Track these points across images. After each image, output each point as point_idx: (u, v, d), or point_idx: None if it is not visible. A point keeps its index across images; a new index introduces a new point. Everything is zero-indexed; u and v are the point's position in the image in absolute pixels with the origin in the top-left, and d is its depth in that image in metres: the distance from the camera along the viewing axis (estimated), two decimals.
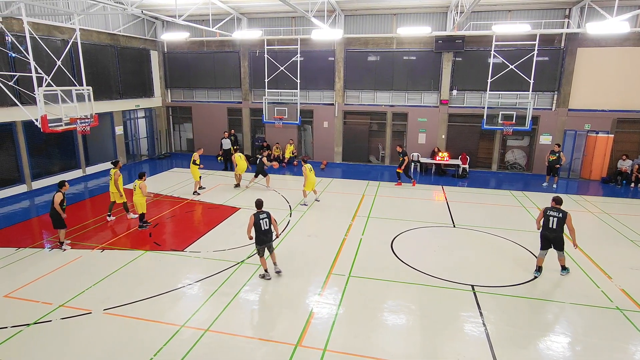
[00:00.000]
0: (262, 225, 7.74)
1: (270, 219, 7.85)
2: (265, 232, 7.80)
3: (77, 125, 12.24)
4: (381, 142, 19.88)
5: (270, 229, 7.86)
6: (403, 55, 18.46)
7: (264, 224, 7.76)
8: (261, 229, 7.75)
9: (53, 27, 14.95)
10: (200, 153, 14.53)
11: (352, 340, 6.31)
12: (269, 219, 7.83)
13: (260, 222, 7.74)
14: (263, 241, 7.85)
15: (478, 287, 7.93)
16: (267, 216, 7.82)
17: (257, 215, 7.77)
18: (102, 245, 9.72)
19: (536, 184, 16.25)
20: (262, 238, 7.82)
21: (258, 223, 7.73)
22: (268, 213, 7.86)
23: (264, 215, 7.80)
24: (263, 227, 7.75)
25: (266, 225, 7.77)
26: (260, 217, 7.76)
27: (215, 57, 20.66)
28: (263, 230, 7.77)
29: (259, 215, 7.77)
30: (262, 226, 7.75)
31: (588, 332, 6.62)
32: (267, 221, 7.79)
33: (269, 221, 7.82)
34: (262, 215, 7.80)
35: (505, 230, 11.01)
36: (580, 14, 16.05)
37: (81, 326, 6.60)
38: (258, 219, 7.74)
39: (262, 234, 7.79)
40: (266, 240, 7.87)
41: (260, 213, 7.82)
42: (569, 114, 17.27)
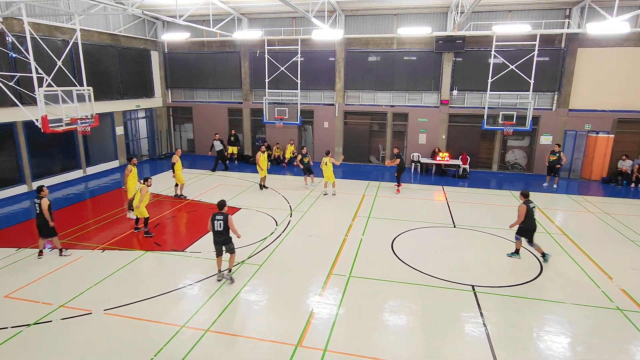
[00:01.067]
0: (215, 225, 7.82)
1: (227, 221, 7.79)
2: (217, 233, 7.84)
3: (77, 125, 12.25)
4: (382, 143, 19.87)
5: (224, 230, 7.80)
6: (403, 56, 18.46)
7: (217, 224, 7.80)
8: (214, 229, 7.84)
9: (54, 27, 14.97)
10: (179, 154, 13.90)
11: (352, 340, 6.31)
12: (225, 221, 7.79)
13: (214, 223, 7.81)
14: (216, 241, 7.94)
15: (479, 287, 7.92)
16: (223, 218, 7.79)
17: (213, 216, 7.86)
18: (102, 246, 9.73)
19: (537, 184, 16.24)
20: (215, 238, 7.92)
21: (212, 223, 7.83)
22: (225, 215, 7.83)
23: (220, 217, 7.81)
24: (216, 228, 7.82)
25: (219, 227, 7.78)
26: (215, 218, 7.82)
27: (216, 57, 20.67)
28: (215, 231, 7.84)
29: (215, 216, 7.84)
30: (215, 226, 7.82)
31: (589, 332, 6.61)
32: (222, 223, 7.76)
33: (224, 223, 7.78)
34: (218, 217, 7.82)
35: (506, 231, 10.98)
36: (580, 14, 16.05)
37: (82, 326, 6.60)
38: (213, 219, 7.84)
39: (215, 234, 7.89)
40: (218, 241, 7.91)
41: (217, 214, 7.86)
42: (570, 114, 17.26)
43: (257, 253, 9.39)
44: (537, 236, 9.09)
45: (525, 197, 9.07)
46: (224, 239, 7.89)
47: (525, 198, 9.05)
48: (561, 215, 12.84)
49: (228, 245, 8.00)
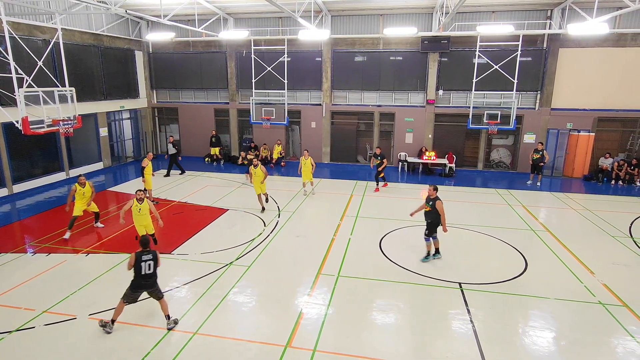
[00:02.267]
0: (143, 268, 6.34)
1: (157, 261, 6.49)
2: (146, 277, 6.39)
3: (59, 127, 11.99)
4: (369, 142, 19.97)
5: (154, 272, 6.47)
6: (390, 56, 18.59)
7: (146, 267, 6.35)
8: (141, 272, 6.35)
9: (34, 26, 14.61)
10: (150, 158, 13.08)
11: (342, 340, 6.33)
12: (155, 261, 6.46)
13: (142, 265, 6.34)
14: (141, 286, 6.43)
15: (465, 284, 8.03)
16: (152, 258, 6.42)
17: (139, 256, 6.35)
18: (86, 249, 9.54)
19: (521, 182, 16.54)
20: (141, 282, 6.40)
21: (139, 265, 6.34)
22: (154, 253, 6.49)
23: (148, 257, 6.39)
24: (144, 271, 6.35)
25: (149, 269, 6.38)
26: (142, 259, 6.35)
27: (202, 57, 20.48)
28: (144, 275, 6.37)
29: (142, 256, 6.35)
30: (143, 269, 6.34)
31: (572, 326, 6.76)
32: (152, 264, 6.41)
33: (155, 264, 6.45)
34: (146, 257, 6.38)
35: (492, 228, 11.17)
36: (561, 15, 16.40)
37: (66, 332, 6.46)
38: (139, 260, 6.34)
39: (142, 278, 6.38)
40: (146, 286, 6.45)
41: (144, 253, 6.40)
42: (552, 113, 17.63)
43: (246, 254, 9.34)
44: (516, 233, 9.26)
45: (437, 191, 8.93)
46: (152, 281, 6.49)
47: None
48: (544, 212, 13.09)
49: (155, 289, 6.55)
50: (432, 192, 8.86)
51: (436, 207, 8.69)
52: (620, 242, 10.32)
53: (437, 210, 8.69)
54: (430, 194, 8.87)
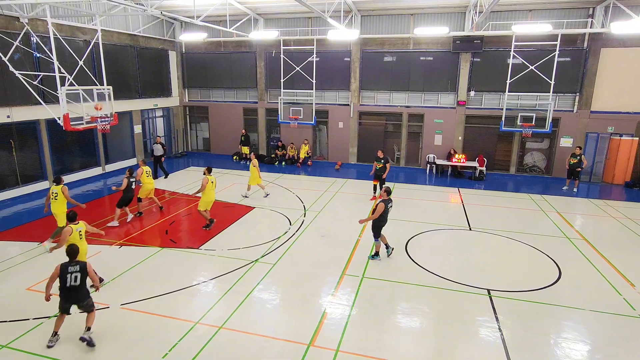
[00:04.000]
0: (68, 280, 5.82)
1: (86, 272, 5.95)
2: (71, 289, 5.86)
3: (97, 123, 12.53)
4: (396, 143, 19.73)
5: (82, 285, 5.93)
6: (420, 56, 18.29)
7: (71, 278, 5.82)
8: (66, 284, 5.84)
9: (76, 28, 15.35)
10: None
11: (364, 341, 6.28)
12: (83, 273, 5.91)
13: (68, 277, 5.81)
14: (67, 299, 5.96)
15: (494, 291, 7.79)
16: (79, 270, 5.88)
17: (64, 268, 5.85)
18: (120, 242, 9.92)
19: (556, 187, 15.88)
20: (67, 295, 5.92)
21: (64, 277, 5.83)
22: (83, 265, 5.96)
23: (74, 268, 5.87)
24: (69, 283, 5.82)
25: (75, 281, 5.83)
26: (68, 270, 5.84)
27: (232, 57, 20.86)
28: (69, 287, 5.85)
29: (67, 268, 5.85)
30: (68, 281, 5.82)
31: (609, 341, 6.42)
32: (79, 276, 5.86)
33: (82, 276, 5.90)
34: (72, 268, 5.86)
35: (523, 234, 10.78)
36: (604, 13, 15.61)
37: (99, 320, 6.71)
38: (65, 272, 5.83)
39: (67, 290, 5.87)
40: (72, 299, 5.95)
41: (70, 264, 5.88)
42: (592, 116, 16.81)
43: (271, 252, 9.43)
44: (549, 241, 8.89)
45: (388, 194, 8.99)
46: (81, 295, 5.98)
47: (387, 195, 8.97)
48: (581, 219, 12.52)
49: (85, 302, 6.06)
50: (382, 193, 9.13)
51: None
52: None
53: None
54: (381, 194, 9.18)
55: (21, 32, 12.81)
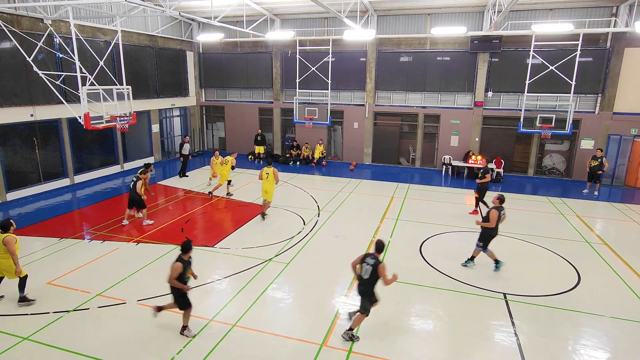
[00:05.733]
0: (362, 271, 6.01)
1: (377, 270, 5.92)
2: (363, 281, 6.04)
3: (116, 122, 12.80)
4: (412, 144, 19.57)
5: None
6: (437, 56, 18.09)
7: (365, 271, 5.99)
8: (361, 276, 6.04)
9: (97, 29, 15.71)
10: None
11: (378, 343, 6.25)
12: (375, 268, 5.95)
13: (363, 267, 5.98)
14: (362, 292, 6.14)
15: (511, 295, 7.65)
16: (375, 263, 5.97)
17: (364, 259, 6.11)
18: (137, 239, 10.11)
19: (576, 190, 15.50)
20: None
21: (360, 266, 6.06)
22: (377, 261, 6.02)
23: (371, 261, 6.02)
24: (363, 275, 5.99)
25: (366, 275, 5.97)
26: (365, 261, 6.09)
27: (248, 57, 21.03)
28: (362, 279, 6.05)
29: (365, 259, 6.10)
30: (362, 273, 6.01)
31: (629, 348, 6.23)
32: (370, 269, 5.97)
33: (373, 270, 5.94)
34: (369, 260, 6.06)
35: (541, 238, 10.56)
36: (628, 12, 15.16)
37: (116, 315, 6.88)
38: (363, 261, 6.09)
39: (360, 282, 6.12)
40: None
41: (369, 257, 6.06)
42: (614, 118, 16.35)
43: (285, 252, 9.47)
44: (569, 245, 8.68)
45: (501, 202, 8.54)
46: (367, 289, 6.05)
47: (500, 203, 8.52)
48: (602, 223, 12.18)
49: None
50: (494, 200, 8.63)
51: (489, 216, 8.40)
52: None
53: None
54: (493, 201, 8.67)
55: (45, 33, 13.18)
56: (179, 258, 6.10)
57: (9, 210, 12.31)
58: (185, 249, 6.12)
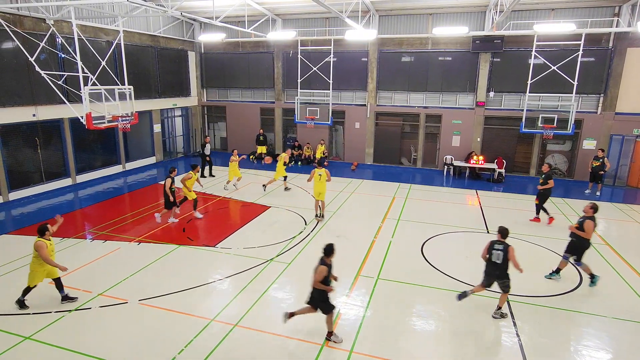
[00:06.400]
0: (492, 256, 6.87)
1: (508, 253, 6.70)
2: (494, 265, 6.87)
3: (118, 122, 12.83)
4: (413, 144, 19.55)
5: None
6: (438, 56, 18.07)
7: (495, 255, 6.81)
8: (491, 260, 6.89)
9: (99, 29, 15.74)
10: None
11: (379, 343, 6.24)
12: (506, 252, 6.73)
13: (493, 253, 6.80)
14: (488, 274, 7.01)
15: (512, 296, 7.62)
16: (503, 248, 6.73)
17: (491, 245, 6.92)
18: (138, 238, 10.12)
19: (578, 191, 15.46)
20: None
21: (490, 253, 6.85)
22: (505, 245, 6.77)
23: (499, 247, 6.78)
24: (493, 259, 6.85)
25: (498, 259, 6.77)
26: (494, 247, 6.85)
27: (250, 57, 21.04)
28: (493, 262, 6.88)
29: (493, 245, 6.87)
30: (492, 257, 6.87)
31: (632, 349, 6.22)
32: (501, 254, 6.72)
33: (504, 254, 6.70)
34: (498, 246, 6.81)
35: (543, 239, 10.54)
36: (631, 11, 15.12)
37: (118, 315, 6.89)
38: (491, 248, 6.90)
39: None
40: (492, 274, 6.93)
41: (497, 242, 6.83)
42: (616, 118, 16.30)
43: (286, 252, 9.47)
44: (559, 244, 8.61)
45: (595, 211, 7.92)
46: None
47: (594, 213, 7.90)
48: (604, 224, 12.14)
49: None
50: (587, 210, 7.98)
51: (583, 227, 7.79)
52: None
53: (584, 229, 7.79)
54: (586, 210, 8.00)
55: (47, 33, 13.22)
56: (323, 261, 6.06)
57: (11, 210, 12.34)
58: (329, 252, 6.12)
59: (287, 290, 7.82)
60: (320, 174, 11.37)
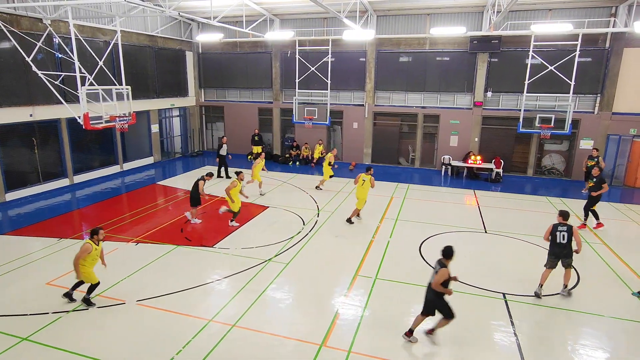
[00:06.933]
0: (558, 237, 7.47)
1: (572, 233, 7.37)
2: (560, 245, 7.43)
3: (116, 123, 12.80)
4: (411, 144, 19.58)
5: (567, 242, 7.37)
6: (436, 56, 18.11)
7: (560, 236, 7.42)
8: (557, 240, 7.50)
9: (96, 29, 15.70)
10: (334, 153, 14.98)
11: (377, 343, 6.25)
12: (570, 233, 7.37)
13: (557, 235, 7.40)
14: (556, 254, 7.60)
15: (510, 295, 7.65)
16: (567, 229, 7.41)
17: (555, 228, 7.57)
18: (136, 239, 10.10)
19: (575, 190, 15.50)
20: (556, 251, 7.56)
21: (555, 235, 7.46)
22: (569, 227, 7.40)
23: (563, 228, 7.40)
24: (559, 240, 7.46)
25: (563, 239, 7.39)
26: (557, 229, 7.49)
27: (248, 57, 21.03)
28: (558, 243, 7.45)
29: (557, 227, 7.52)
30: (558, 238, 7.48)
31: (630, 348, 6.24)
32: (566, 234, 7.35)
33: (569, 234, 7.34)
34: (561, 228, 7.43)
35: (541, 238, 10.53)
36: (627, 12, 15.19)
37: (116, 315, 6.87)
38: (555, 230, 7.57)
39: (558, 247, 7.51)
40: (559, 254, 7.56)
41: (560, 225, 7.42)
42: (613, 118, 16.37)
43: (284, 252, 9.47)
44: None
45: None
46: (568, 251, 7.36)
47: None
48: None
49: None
50: None
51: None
52: None
53: None
54: None
55: (44, 33, 13.17)
56: (442, 264, 5.99)
57: (8, 211, 12.30)
58: (449, 255, 6.04)
59: (286, 290, 7.82)
60: (365, 179, 11.12)
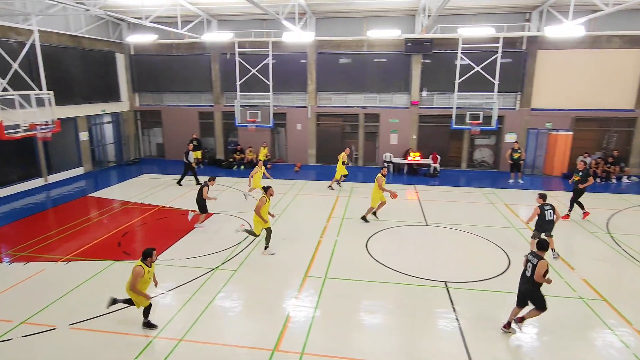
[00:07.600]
0: None
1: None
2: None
3: (37, 131, 11.70)
4: (354, 144, 20.05)
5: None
6: (374, 58, 18.71)
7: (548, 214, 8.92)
8: None
9: (8, 28, 14.19)
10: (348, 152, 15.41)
11: (330, 342, 6.32)
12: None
13: None
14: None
15: (451, 283, 8.11)
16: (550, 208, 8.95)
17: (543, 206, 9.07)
18: (66, 257, 9.29)
19: (503, 180, 16.84)
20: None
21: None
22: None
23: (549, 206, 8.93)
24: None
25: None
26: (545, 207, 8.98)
27: (185, 60, 20.25)
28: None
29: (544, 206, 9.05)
30: None
31: (554, 322, 6.88)
32: None
33: None
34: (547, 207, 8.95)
35: (476, 227, 11.33)
36: (539, 18, 16.80)
37: (46, 343, 6.27)
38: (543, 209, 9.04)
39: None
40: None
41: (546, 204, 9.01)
42: (532, 113, 18.03)
43: (231, 258, 9.24)
44: (499, 231, 9.36)
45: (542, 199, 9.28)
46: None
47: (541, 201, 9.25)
48: (526, 210, 13.30)
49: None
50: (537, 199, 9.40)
51: None
52: (599, 238, 10.60)
53: None
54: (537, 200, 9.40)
55: None
56: (539, 256, 6.25)
57: None
58: (545, 247, 6.42)
59: (234, 298, 7.63)
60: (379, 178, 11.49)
